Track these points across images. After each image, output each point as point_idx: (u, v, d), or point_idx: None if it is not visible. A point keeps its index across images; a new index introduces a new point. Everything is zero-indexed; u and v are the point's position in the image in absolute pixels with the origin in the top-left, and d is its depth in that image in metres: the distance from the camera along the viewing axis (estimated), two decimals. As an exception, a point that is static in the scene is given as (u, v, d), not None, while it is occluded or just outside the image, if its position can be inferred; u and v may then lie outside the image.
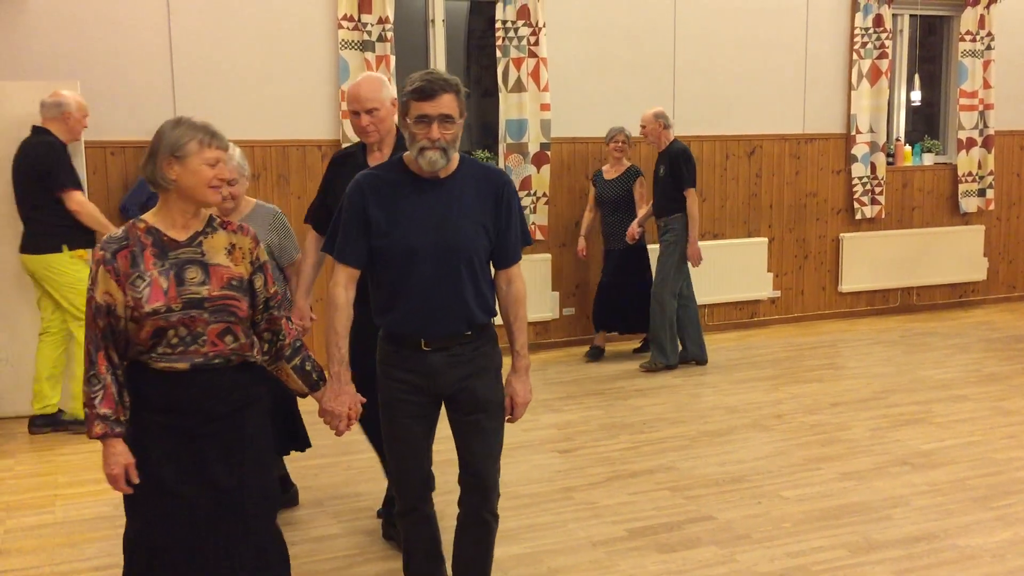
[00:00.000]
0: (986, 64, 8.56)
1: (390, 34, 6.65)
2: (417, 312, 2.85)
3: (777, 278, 8.20)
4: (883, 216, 8.43)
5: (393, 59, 6.68)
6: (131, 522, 2.71)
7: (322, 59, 6.65)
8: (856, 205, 8.33)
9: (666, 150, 6.65)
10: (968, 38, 8.50)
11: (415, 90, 2.76)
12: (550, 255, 7.34)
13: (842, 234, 8.35)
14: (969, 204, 8.72)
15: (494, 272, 3.00)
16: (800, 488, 4.47)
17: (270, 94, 6.50)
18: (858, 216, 8.34)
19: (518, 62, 7.06)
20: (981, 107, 8.62)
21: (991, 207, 8.80)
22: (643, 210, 6.86)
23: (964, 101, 8.57)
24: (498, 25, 7.06)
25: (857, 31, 8.10)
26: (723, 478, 4.62)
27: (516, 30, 7.03)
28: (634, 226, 6.77)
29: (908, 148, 8.69)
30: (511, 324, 3.01)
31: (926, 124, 9.33)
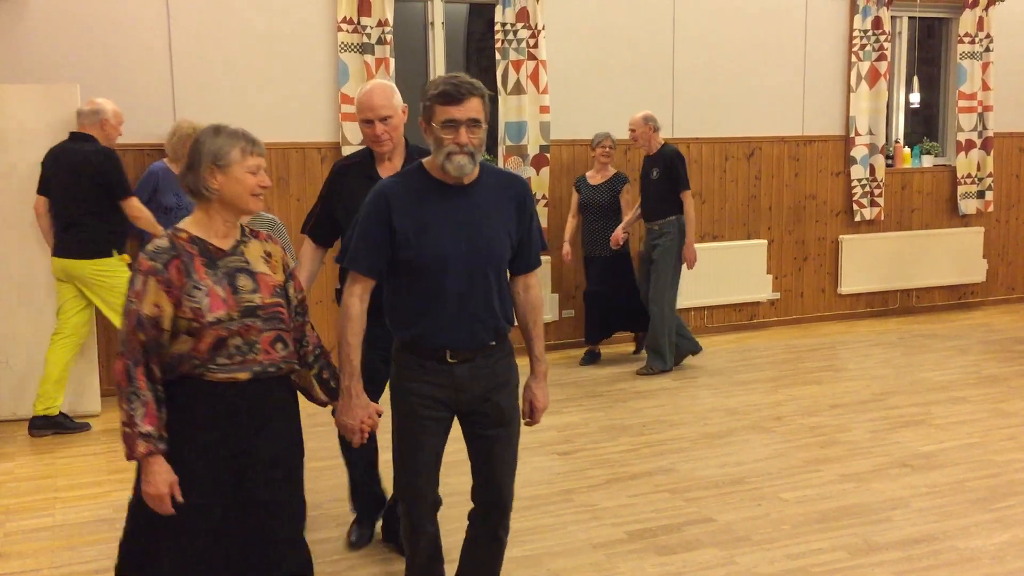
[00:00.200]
0: (985, 66, 8.56)
1: (389, 37, 6.66)
2: (449, 323, 2.77)
3: (776, 280, 8.20)
4: (882, 218, 8.43)
5: (393, 62, 6.68)
6: (148, 531, 2.60)
7: (321, 62, 6.65)
8: (855, 207, 8.33)
9: (659, 153, 6.61)
10: (967, 40, 8.51)
11: (441, 94, 2.67)
12: (549, 257, 7.32)
13: (841, 236, 8.36)
14: (968, 206, 8.73)
15: (509, 278, 2.96)
16: (800, 490, 4.47)
17: (270, 97, 6.51)
18: (857, 218, 8.34)
19: (517, 64, 7.06)
20: (980, 109, 8.62)
21: (990, 209, 8.81)
22: (628, 216, 6.84)
23: (963, 103, 8.58)
24: (497, 28, 7.06)
25: (856, 33, 8.11)
26: (723, 480, 4.62)
27: (515, 32, 7.03)
28: (619, 232, 6.73)
29: (907, 150, 8.70)
30: (530, 330, 2.98)
31: (925, 126, 9.34)
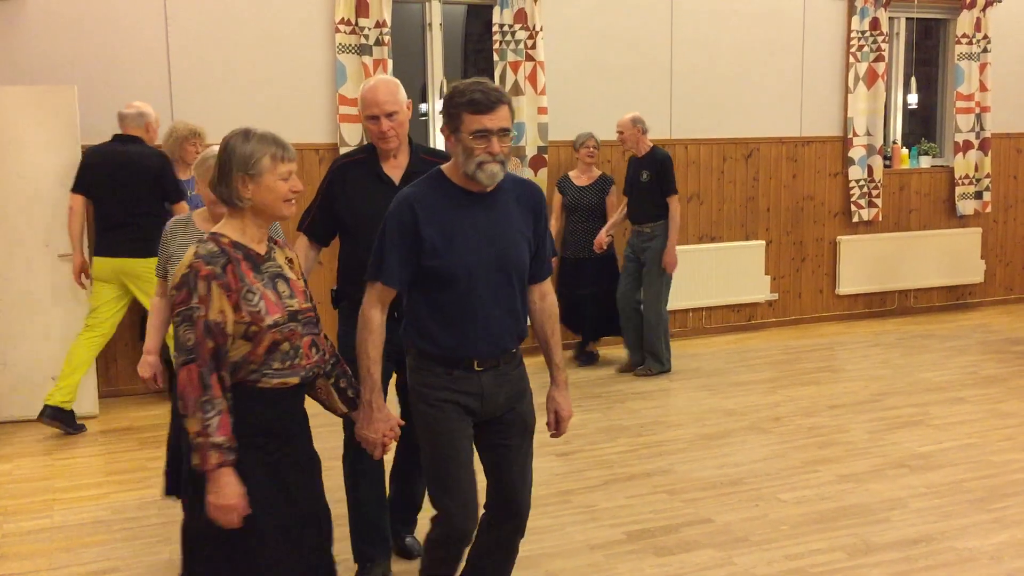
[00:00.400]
0: (982, 67, 8.57)
1: (387, 38, 6.66)
2: (478, 331, 2.75)
3: (774, 281, 8.20)
4: (880, 219, 8.43)
5: (390, 63, 6.69)
6: (215, 549, 2.51)
7: (319, 63, 6.65)
8: (853, 208, 8.33)
9: (649, 156, 6.54)
10: (964, 41, 8.52)
11: (471, 102, 2.62)
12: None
13: (839, 237, 8.36)
14: (966, 207, 8.73)
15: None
16: (798, 491, 4.47)
17: (267, 98, 6.50)
18: (855, 219, 8.35)
19: (515, 66, 7.07)
20: (978, 110, 8.63)
21: (988, 210, 8.81)
22: (613, 218, 6.81)
23: (961, 104, 8.59)
24: (495, 29, 7.06)
25: (853, 34, 8.12)
26: (721, 481, 4.62)
27: (513, 34, 7.03)
28: (602, 235, 6.70)
29: (905, 151, 8.71)
30: (548, 338, 2.98)
31: (923, 127, 9.36)
